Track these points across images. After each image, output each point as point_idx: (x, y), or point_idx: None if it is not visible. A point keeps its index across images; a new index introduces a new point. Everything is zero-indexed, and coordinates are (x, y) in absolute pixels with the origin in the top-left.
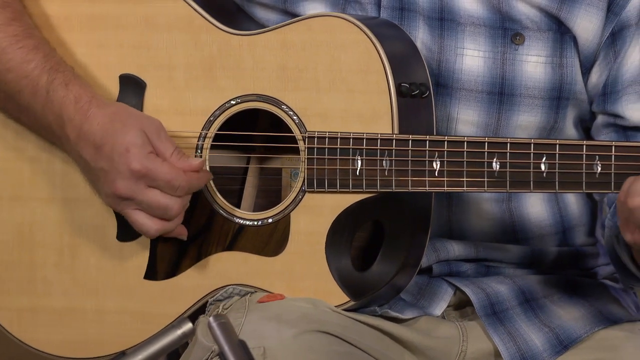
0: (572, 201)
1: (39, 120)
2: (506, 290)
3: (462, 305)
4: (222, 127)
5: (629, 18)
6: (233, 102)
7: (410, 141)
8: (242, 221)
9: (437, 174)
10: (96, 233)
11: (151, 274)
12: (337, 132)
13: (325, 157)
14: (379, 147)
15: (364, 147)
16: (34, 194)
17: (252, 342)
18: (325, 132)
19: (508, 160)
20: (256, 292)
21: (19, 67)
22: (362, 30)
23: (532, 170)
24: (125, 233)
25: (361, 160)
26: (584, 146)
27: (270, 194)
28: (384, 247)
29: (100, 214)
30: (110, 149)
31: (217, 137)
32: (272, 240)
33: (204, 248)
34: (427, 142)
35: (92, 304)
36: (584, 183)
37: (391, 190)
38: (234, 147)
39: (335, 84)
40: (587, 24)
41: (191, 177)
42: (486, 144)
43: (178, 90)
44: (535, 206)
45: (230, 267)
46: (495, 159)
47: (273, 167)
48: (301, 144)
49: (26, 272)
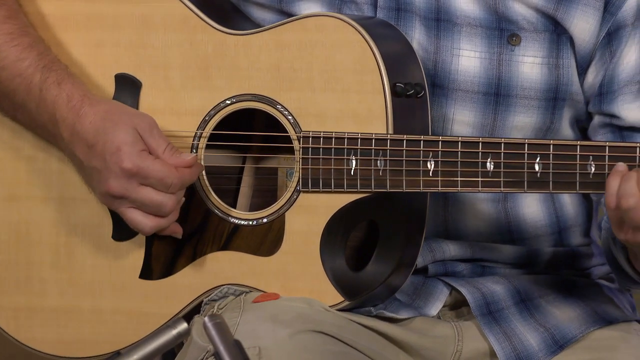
0: (568, 202)
1: (34, 119)
2: (502, 290)
3: (457, 305)
4: (218, 127)
5: (625, 18)
6: (228, 102)
7: (404, 141)
8: (237, 221)
9: (431, 174)
10: (92, 232)
11: (146, 273)
12: (332, 132)
13: (320, 157)
14: (373, 147)
15: (359, 147)
16: (30, 193)
17: (247, 342)
18: (320, 132)
19: (502, 161)
20: (251, 291)
21: (13, 65)
22: (357, 30)
23: (526, 170)
24: (121, 232)
25: (356, 160)
26: (578, 146)
27: (266, 194)
28: (378, 247)
29: (96, 213)
30: (102, 148)
31: (212, 137)
32: (267, 240)
33: (199, 248)
34: (422, 142)
35: (88, 303)
36: (577, 183)
37: (386, 190)
38: (229, 146)
39: (330, 84)
40: (584, 24)
41: (183, 173)
42: (480, 144)
43: (173, 89)
44: (531, 206)
45: (225, 266)
46: (489, 159)
47: (269, 166)
48: (296, 144)
49: (22, 271)
